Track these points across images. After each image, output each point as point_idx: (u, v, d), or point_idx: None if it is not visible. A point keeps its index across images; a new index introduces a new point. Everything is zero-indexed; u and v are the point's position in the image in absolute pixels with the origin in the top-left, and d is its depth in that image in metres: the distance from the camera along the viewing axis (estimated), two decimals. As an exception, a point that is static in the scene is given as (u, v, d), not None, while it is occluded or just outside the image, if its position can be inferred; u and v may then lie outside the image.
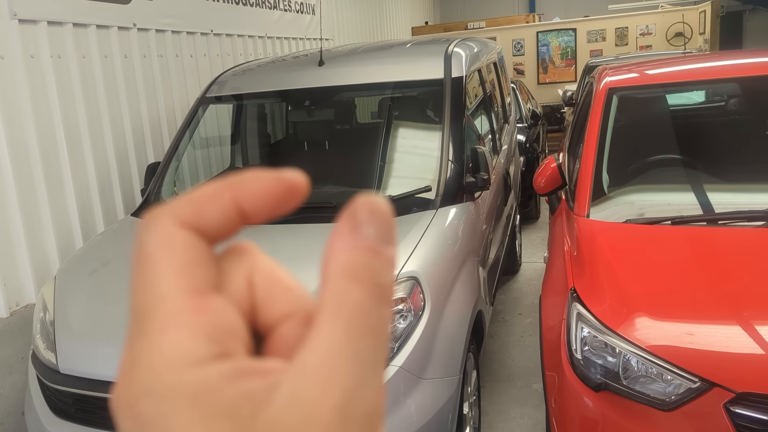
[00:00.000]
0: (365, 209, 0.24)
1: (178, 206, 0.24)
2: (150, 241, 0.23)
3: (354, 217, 0.24)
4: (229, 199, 0.24)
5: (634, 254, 2.38)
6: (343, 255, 0.23)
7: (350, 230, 0.23)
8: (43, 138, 3.41)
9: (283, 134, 4.24)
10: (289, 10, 6.75)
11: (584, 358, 2.04)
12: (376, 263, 0.23)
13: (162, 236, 0.23)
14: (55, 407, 2.29)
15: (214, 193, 0.24)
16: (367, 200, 0.24)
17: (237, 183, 0.25)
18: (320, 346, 0.22)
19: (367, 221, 0.23)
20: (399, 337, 2.19)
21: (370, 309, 0.22)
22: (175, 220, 0.24)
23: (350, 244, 0.23)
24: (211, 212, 0.24)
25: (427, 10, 15.42)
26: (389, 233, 0.24)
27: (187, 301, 0.23)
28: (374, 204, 0.24)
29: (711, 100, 3.75)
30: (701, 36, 10.16)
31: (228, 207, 0.24)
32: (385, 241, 0.23)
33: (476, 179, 2.92)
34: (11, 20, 3.25)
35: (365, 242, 0.23)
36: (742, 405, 1.75)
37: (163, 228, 0.24)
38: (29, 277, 3.29)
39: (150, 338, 0.22)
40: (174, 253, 0.23)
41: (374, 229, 0.23)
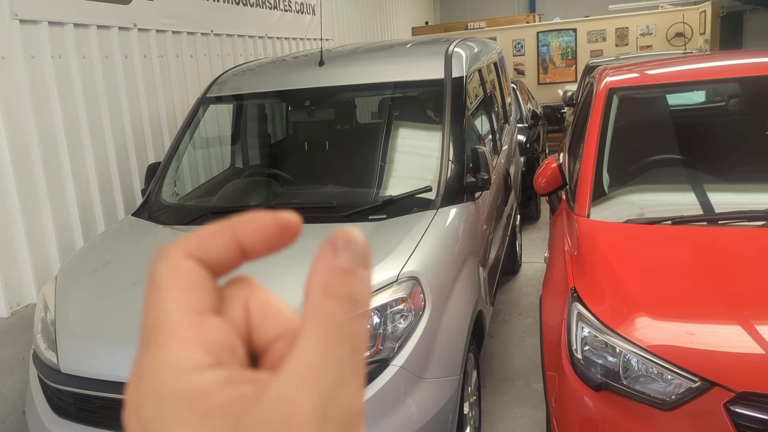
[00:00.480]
0: (341, 238, 0.27)
1: (185, 240, 0.28)
2: (160, 269, 0.27)
3: (332, 245, 0.27)
4: (230, 236, 0.28)
5: (634, 254, 2.38)
6: (322, 275, 0.26)
7: (329, 255, 0.27)
8: (44, 138, 3.41)
9: (284, 134, 4.25)
10: (289, 11, 6.75)
11: (585, 357, 2.04)
12: (351, 281, 0.26)
13: (170, 265, 0.27)
14: (56, 407, 2.29)
15: (217, 231, 0.28)
16: (344, 231, 0.27)
17: (238, 222, 0.28)
18: (302, 354, 0.25)
19: (344, 248, 0.27)
20: (400, 337, 2.19)
21: (345, 320, 0.25)
22: (183, 252, 0.27)
23: (328, 265, 0.26)
24: (214, 247, 0.28)
25: (427, 10, 15.42)
26: (364, 258, 0.27)
27: (188, 318, 0.26)
28: (350, 234, 0.27)
29: (711, 100, 3.75)
30: (701, 36, 10.16)
31: (229, 243, 0.28)
32: (360, 264, 0.27)
33: (477, 179, 2.92)
34: (12, 20, 3.26)
35: (341, 264, 0.26)
36: (743, 404, 1.75)
37: (173, 258, 0.27)
38: (30, 277, 3.29)
39: (155, 349, 0.25)
40: (179, 279, 0.27)
41: (349, 254, 0.27)
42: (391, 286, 2.23)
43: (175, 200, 3.35)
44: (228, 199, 3.32)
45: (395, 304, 2.21)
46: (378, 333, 2.15)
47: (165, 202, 3.24)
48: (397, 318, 2.21)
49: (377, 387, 2.08)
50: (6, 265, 3.17)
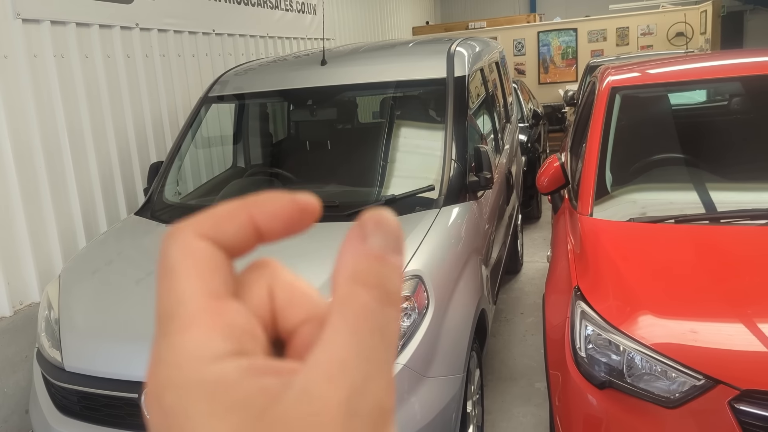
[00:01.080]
0: (371, 221, 0.25)
1: (197, 220, 0.26)
2: (172, 251, 0.25)
3: (361, 229, 0.25)
4: (246, 216, 0.26)
5: (637, 252, 2.38)
6: (351, 262, 0.25)
7: (357, 240, 0.25)
8: (46, 137, 3.42)
9: (285, 134, 4.25)
10: (290, 10, 6.76)
11: (588, 356, 2.04)
12: (382, 269, 0.24)
13: (183, 246, 0.25)
14: (61, 405, 2.29)
15: (232, 210, 0.26)
16: (374, 213, 0.26)
17: (253, 202, 0.27)
18: (329, 346, 0.23)
19: (374, 232, 0.25)
20: (403, 336, 2.20)
21: (375, 310, 0.24)
22: (195, 233, 0.26)
23: (357, 252, 0.25)
24: (228, 227, 0.26)
25: (428, 9, 15.43)
26: (396, 243, 0.25)
27: (206, 303, 0.24)
28: (381, 216, 0.25)
29: (713, 99, 3.75)
30: (702, 36, 10.16)
31: (245, 224, 0.26)
32: (392, 250, 0.25)
33: (479, 178, 2.92)
34: (15, 20, 3.26)
35: (371, 250, 0.25)
36: (747, 402, 1.75)
37: (184, 239, 0.25)
38: (33, 276, 3.29)
39: (173, 337, 0.24)
40: (194, 261, 0.25)
41: (380, 239, 0.25)
42: (394, 285, 2.23)
43: (177, 199, 3.36)
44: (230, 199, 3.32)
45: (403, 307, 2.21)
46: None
47: (167, 202, 3.24)
48: (400, 316, 2.21)
49: (381, 385, 2.08)
50: (9, 264, 3.17)
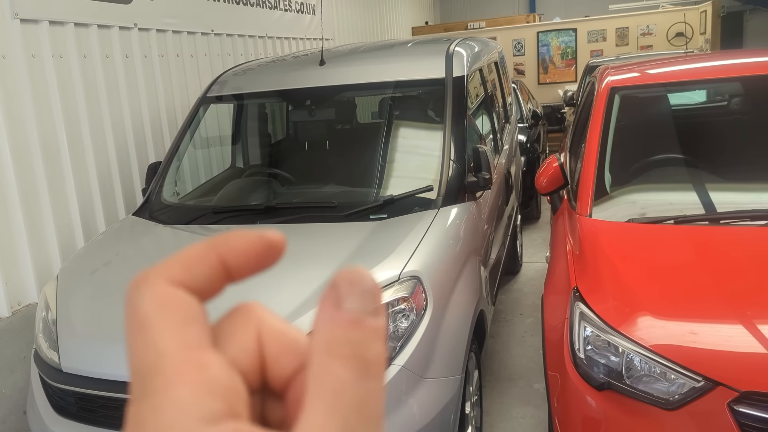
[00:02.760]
0: (345, 281, 0.23)
1: (167, 266, 0.25)
2: (144, 302, 0.23)
3: (335, 291, 0.23)
4: (215, 257, 0.25)
5: (636, 253, 2.38)
6: (325, 330, 0.23)
7: (331, 304, 0.23)
8: (44, 137, 3.41)
9: (284, 134, 4.24)
10: (289, 10, 6.75)
11: (587, 357, 2.03)
12: (359, 336, 0.23)
13: (155, 295, 0.24)
14: (58, 406, 2.29)
15: (200, 253, 0.25)
16: (348, 272, 0.24)
17: (222, 242, 0.25)
18: (305, 426, 0.21)
19: (348, 293, 0.23)
20: (401, 337, 2.19)
21: (353, 385, 0.22)
22: (166, 280, 0.24)
23: (331, 318, 0.23)
24: (198, 270, 0.25)
25: (427, 10, 15.42)
26: (373, 303, 0.23)
27: (189, 356, 0.22)
28: (355, 275, 0.24)
29: (713, 99, 3.74)
30: (702, 36, 10.16)
31: (214, 265, 0.25)
32: (369, 312, 0.23)
33: (478, 179, 2.91)
34: (13, 20, 3.25)
35: (346, 315, 0.23)
36: (746, 404, 1.75)
37: (156, 288, 0.24)
38: (31, 277, 3.29)
39: (156, 397, 0.22)
40: (169, 311, 0.23)
41: (356, 300, 0.23)
42: (392, 286, 2.22)
43: (175, 200, 3.35)
44: (228, 199, 3.32)
45: (397, 304, 2.21)
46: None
47: (166, 202, 3.24)
48: (398, 317, 2.21)
49: (379, 386, 2.08)
50: (7, 265, 3.16)
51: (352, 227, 2.66)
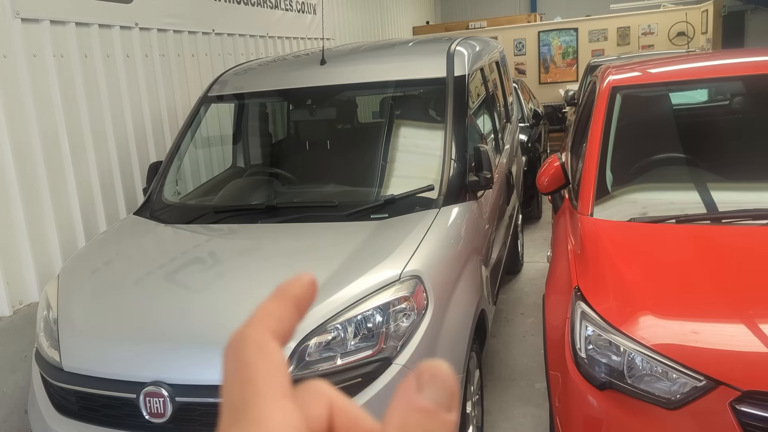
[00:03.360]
0: (428, 372, 0.26)
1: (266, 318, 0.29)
2: (248, 347, 0.27)
3: (417, 379, 0.25)
4: (293, 306, 0.30)
5: (638, 253, 2.37)
6: (401, 413, 0.25)
7: (411, 390, 0.25)
8: (45, 137, 3.41)
9: (285, 133, 4.24)
10: (290, 10, 6.75)
11: (588, 356, 2.03)
12: (432, 425, 0.24)
13: (257, 343, 0.28)
14: (59, 405, 2.28)
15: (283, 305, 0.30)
16: (432, 365, 0.26)
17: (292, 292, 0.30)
18: None
19: (429, 384, 0.25)
20: (402, 336, 2.19)
21: None
22: (268, 331, 0.28)
23: (409, 403, 0.25)
24: (287, 320, 0.29)
25: (428, 9, 15.41)
26: (451, 400, 0.25)
27: (278, 402, 0.26)
28: (438, 369, 0.26)
29: (714, 98, 3.74)
30: (704, 35, 10.15)
31: (293, 313, 0.30)
32: (445, 406, 0.25)
33: (479, 178, 2.91)
34: (14, 19, 3.25)
35: (423, 403, 0.25)
36: (748, 403, 1.74)
37: (258, 337, 0.28)
38: (32, 276, 3.29)
39: (248, 426, 0.25)
40: (268, 358, 0.27)
41: (434, 392, 0.25)
42: (393, 285, 2.22)
43: (176, 199, 3.35)
44: (229, 198, 3.32)
45: (398, 303, 2.20)
46: (380, 332, 2.15)
47: (167, 201, 3.23)
48: (399, 317, 2.20)
49: (380, 386, 2.08)
50: (8, 264, 3.17)
51: (353, 227, 2.66)
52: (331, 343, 2.10)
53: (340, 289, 2.19)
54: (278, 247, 2.66)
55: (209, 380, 2.03)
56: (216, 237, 2.88)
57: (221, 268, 2.51)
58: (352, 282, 2.21)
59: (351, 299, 2.16)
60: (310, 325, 2.08)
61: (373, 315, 2.15)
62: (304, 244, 2.63)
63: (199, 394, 2.03)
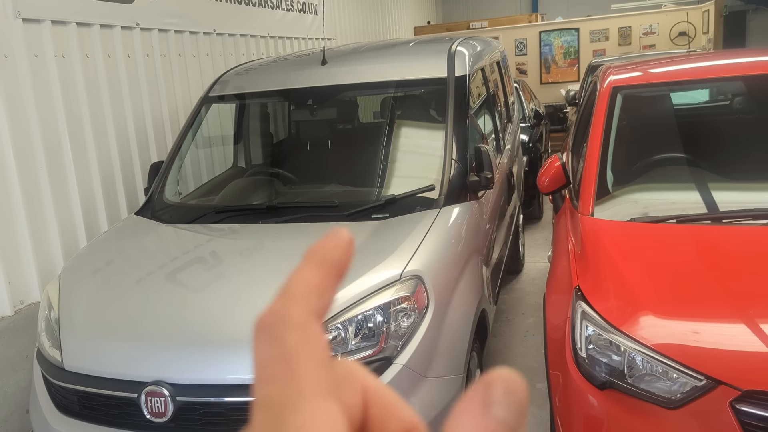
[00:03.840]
0: (501, 387, 0.23)
1: (305, 296, 0.25)
2: (291, 333, 0.24)
3: (488, 392, 0.23)
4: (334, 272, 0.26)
5: (638, 253, 2.37)
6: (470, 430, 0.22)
7: (481, 406, 0.23)
8: (47, 137, 3.41)
9: (286, 133, 4.24)
10: (291, 10, 6.75)
11: (589, 356, 2.03)
12: None
13: (302, 329, 0.24)
14: (60, 405, 2.29)
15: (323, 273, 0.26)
16: (505, 376, 0.23)
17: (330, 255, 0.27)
18: None
19: (501, 401, 0.23)
20: (403, 336, 2.19)
21: None
22: (311, 312, 0.25)
23: (477, 421, 0.22)
24: (328, 294, 0.26)
25: (430, 9, 15.42)
26: (520, 419, 0.23)
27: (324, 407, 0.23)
28: (512, 383, 0.23)
29: (715, 98, 3.74)
30: (705, 35, 10.14)
31: (334, 279, 0.26)
32: (515, 426, 0.22)
33: (480, 178, 2.91)
34: (15, 19, 3.26)
35: (493, 425, 0.22)
36: (748, 403, 1.75)
37: (302, 320, 0.24)
38: (34, 276, 3.29)
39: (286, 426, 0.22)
40: (313, 349, 0.24)
41: (506, 411, 0.22)
42: (394, 285, 2.23)
43: (177, 199, 3.36)
44: (230, 198, 3.32)
45: (398, 303, 2.21)
46: (381, 331, 2.15)
47: (168, 201, 3.24)
48: (400, 316, 2.21)
49: (381, 385, 2.08)
50: (10, 264, 3.17)
51: (354, 227, 2.66)
52: (332, 343, 2.11)
53: (341, 289, 2.19)
54: (279, 247, 2.67)
55: (210, 380, 2.03)
56: (217, 237, 2.88)
57: (222, 268, 2.52)
58: (353, 282, 2.22)
59: (352, 299, 2.16)
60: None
61: (373, 315, 2.16)
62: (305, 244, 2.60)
63: (200, 393, 2.04)
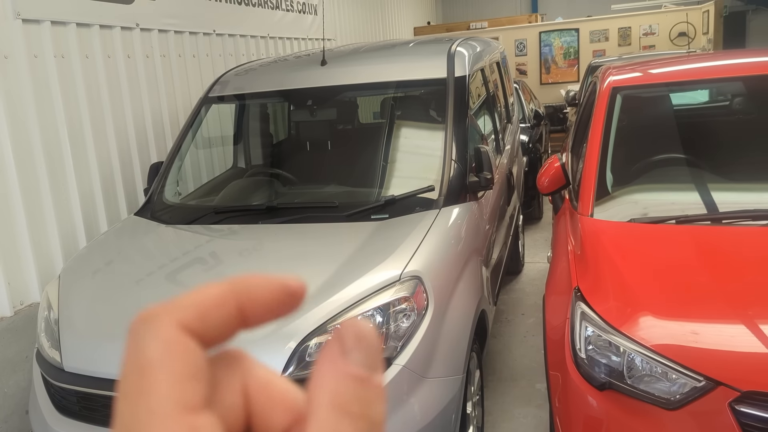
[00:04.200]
0: (352, 333, 0.23)
1: (180, 308, 0.23)
2: (149, 344, 0.22)
3: (341, 342, 0.23)
4: (234, 305, 0.24)
5: (638, 253, 2.37)
6: (332, 384, 0.22)
7: (338, 355, 0.22)
8: (46, 137, 3.41)
9: (286, 134, 4.25)
10: (291, 11, 6.75)
11: (588, 357, 2.03)
12: (366, 393, 0.22)
13: (163, 339, 0.22)
14: (60, 405, 2.29)
15: (219, 299, 0.24)
16: (353, 324, 0.23)
17: (242, 288, 0.24)
18: None
19: (355, 346, 0.23)
20: (402, 337, 2.19)
21: None
22: (179, 323, 0.22)
23: (338, 371, 0.22)
24: (214, 318, 0.23)
25: (429, 10, 15.42)
26: (376, 360, 0.23)
27: (181, 421, 0.21)
28: (361, 328, 0.23)
29: (715, 99, 3.74)
30: (705, 36, 10.14)
31: (231, 313, 0.24)
32: (373, 369, 0.23)
33: (479, 179, 2.91)
34: (15, 20, 3.26)
35: (354, 369, 0.22)
36: (747, 404, 1.74)
37: (166, 331, 0.22)
38: (33, 276, 3.29)
39: None
40: (174, 361, 0.22)
41: (362, 355, 0.22)
42: (393, 286, 2.23)
43: (177, 200, 3.36)
44: (230, 199, 3.32)
45: (398, 304, 2.21)
46: (381, 332, 2.15)
47: (167, 202, 3.24)
48: (399, 317, 2.21)
49: (380, 386, 2.08)
50: (9, 264, 3.17)
51: (353, 227, 2.66)
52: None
53: (340, 290, 2.19)
54: (279, 247, 2.67)
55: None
56: (217, 237, 2.88)
57: (222, 268, 2.52)
58: (353, 282, 2.22)
59: (351, 299, 2.16)
60: (310, 325, 2.09)
61: (373, 315, 2.16)
62: (305, 245, 2.63)
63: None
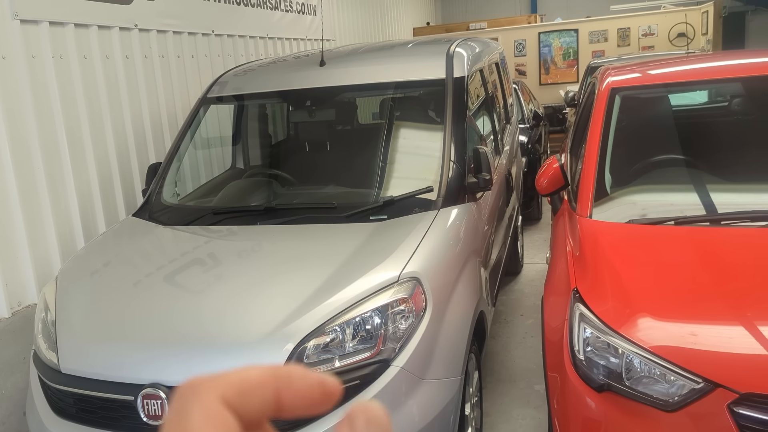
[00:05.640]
0: (363, 418, 0.24)
1: (225, 383, 0.24)
2: (193, 414, 0.23)
3: (352, 425, 0.24)
4: (273, 391, 0.25)
5: (636, 254, 2.37)
6: None
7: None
8: (44, 138, 3.41)
9: (285, 135, 4.24)
10: (290, 11, 6.75)
11: (587, 358, 2.03)
12: None
13: (207, 412, 0.23)
14: (57, 407, 2.28)
15: (260, 381, 0.25)
16: (365, 407, 0.24)
17: (284, 377, 0.25)
18: None
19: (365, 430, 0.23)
20: (401, 338, 2.18)
21: None
22: (221, 398, 0.24)
23: None
24: (254, 399, 0.24)
25: (429, 10, 15.42)
26: None
27: None
28: (372, 412, 0.24)
29: (714, 100, 3.74)
30: (704, 36, 10.14)
31: (269, 398, 0.25)
32: None
33: (478, 180, 2.91)
34: (13, 20, 3.25)
35: None
36: (746, 406, 1.74)
37: (209, 404, 0.24)
38: (31, 278, 3.29)
39: None
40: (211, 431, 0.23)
41: None
42: (392, 287, 2.22)
43: (175, 201, 3.35)
44: (229, 200, 3.32)
45: (396, 305, 2.20)
46: (379, 333, 2.14)
47: (166, 203, 3.23)
48: (398, 319, 2.20)
49: (378, 388, 2.07)
50: (7, 266, 3.16)
51: (352, 228, 2.66)
52: (330, 345, 2.10)
53: (338, 291, 2.19)
54: (278, 248, 2.66)
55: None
56: (215, 238, 2.88)
57: (221, 269, 2.51)
58: (351, 283, 2.21)
59: (349, 301, 2.15)
60: (308, 326, 2.08)
61: (371, 317, 2.15)
62: (304, 246, 2.63)
63: (196, 396, 2.03)
